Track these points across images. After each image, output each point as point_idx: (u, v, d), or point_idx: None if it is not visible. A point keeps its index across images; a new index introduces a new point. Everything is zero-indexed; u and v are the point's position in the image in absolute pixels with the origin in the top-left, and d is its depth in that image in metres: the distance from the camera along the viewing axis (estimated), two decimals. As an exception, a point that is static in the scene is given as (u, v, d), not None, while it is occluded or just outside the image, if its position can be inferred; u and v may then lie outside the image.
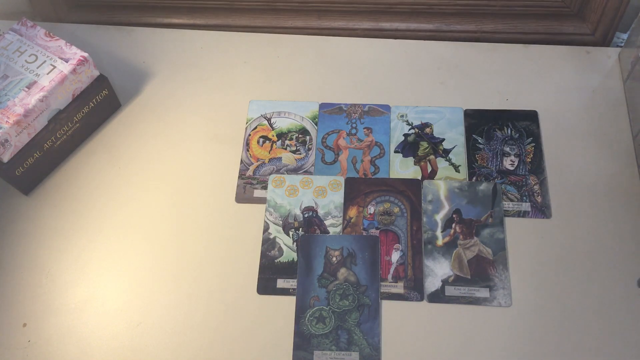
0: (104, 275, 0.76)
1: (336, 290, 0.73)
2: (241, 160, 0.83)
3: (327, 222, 0.77)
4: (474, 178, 0.80)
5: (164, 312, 0.73)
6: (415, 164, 0.81)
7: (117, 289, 0.75)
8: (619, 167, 0.80)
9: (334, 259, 0.74)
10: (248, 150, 0.84)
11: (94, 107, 0.84)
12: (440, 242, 0.75)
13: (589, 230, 0.75)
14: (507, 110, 0.85)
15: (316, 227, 0.77)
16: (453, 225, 0.76)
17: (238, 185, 0.81)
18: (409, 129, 0.84)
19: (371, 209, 0.78)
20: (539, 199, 0.78)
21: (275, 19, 0.95)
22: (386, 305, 0.72)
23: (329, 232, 0.77)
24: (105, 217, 0.79)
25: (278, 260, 0.75)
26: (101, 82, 0.83)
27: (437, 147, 0.83)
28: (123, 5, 0.97)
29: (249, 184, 0.81)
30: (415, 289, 0.73)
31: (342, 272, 0.74)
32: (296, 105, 0.87)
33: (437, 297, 0.72)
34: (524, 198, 0.78)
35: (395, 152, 0.83)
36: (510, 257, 0.74)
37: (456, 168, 0.81)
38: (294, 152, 0.83)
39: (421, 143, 0.83)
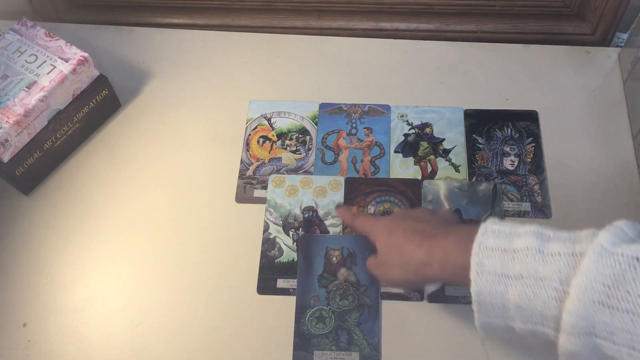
0: (104, 275, 0.76)
1: (336, 290, 0.73)
2: (241, 160, 0.83)
3: (327, 222, 0.77)
4: (474, 178, 0.80)
5: (164, 312, 0.73)
6: (415, 164, 0.81)
7: (117, 289, 0.75)
8: (619, 167, 0.80)
9: (334, 259, 0.74)
10: (248, 150, 0.84)
11: (94, 107, 0.84)
12: (440, 242, 0.75)
13: (589, 230, 0.75)
14: (507, 110, 0.85)
15: (316, 227, 0.77)
16: (453, 225, 0.76)
17: (238, 185, 0.81)
18: (409, 129, 0.84)
19: (371, 209, 0.78)
20: (539, 199, 0.78)
21: (275, 19, 0.95)
22: (386, 305, 0.72)
23: (329, 232, 0.77)
24: (105, 217, 0.79)
25: (278, 260, 0.75)
26: (101, 82, 0.83)
27: (437, 147, 0.83)
28: (123, 5, 0.97)
29: (249, 184, 0.81)
30: (415, 289, 0.73)
31: (342, 272, 0.74)
32: (296, 105, 0.87)
33: (437, 297, 0.72)
34: (524, 198, 0.78)
35: (395, 152, 0.83)
36: (510, 257, 0.74)
37: (456, 168, 0.81)
38: (294, 152, 0.83)
39: (421, 143, 0.83)
